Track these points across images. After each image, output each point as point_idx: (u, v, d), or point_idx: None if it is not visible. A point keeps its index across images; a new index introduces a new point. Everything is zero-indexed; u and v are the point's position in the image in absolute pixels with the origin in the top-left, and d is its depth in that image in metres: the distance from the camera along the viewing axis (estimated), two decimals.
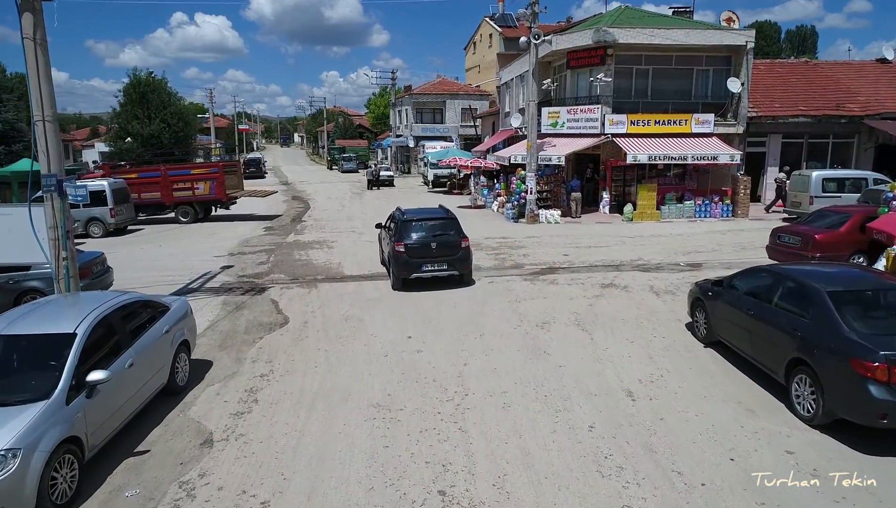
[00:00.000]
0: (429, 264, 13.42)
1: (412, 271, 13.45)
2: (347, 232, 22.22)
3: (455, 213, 15.08)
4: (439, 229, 13.87)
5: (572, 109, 24.87)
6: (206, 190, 25.30)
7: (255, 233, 22.66)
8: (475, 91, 56.98)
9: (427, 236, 13.58)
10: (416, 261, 13.39)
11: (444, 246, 13.53)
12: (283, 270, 16.00)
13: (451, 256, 13.54)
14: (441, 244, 13.51)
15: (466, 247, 13.81)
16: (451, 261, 13.55)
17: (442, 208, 15.43)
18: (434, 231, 13.77)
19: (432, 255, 13.42)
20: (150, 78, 44.31)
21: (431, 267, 13.44)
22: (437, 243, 13.50)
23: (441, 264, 13.47)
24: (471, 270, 14.25)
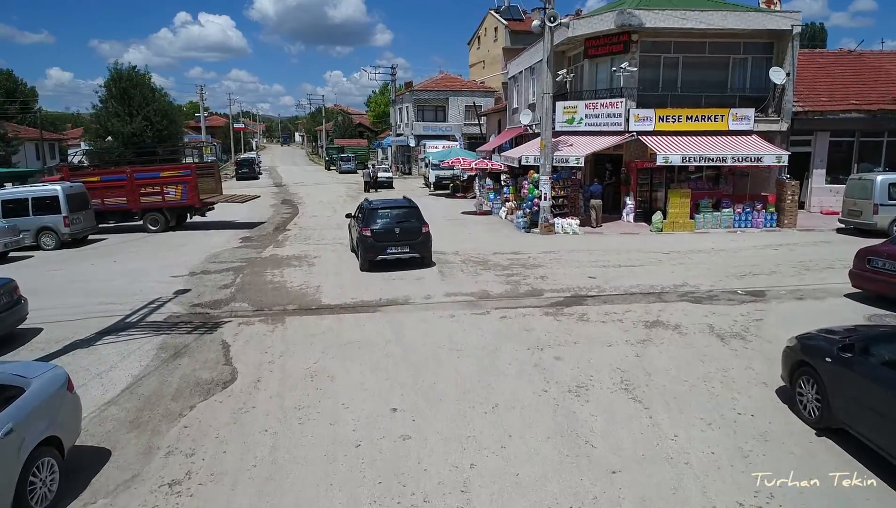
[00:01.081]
0: (392, 248, 14.98)
1: (378, 254, 14.95)
2: (334, 244, 19.31)
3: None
4: (403, 217, 15.39)
5: (591, 104, 21.90)
6: (177, 195, 22.43)
7: (229, 245, 19.76)
8: (480, 87, 54.04)
9: (391, 223, 15.17)
10: (381, 244, 14.91)
11: (407, 232, 15.10)
12: (249, 296, 13.09)
13: (413, 240, 15.11)
14: (404, 230, 15.10)
15: (427, 233, 15.35)
16: (413, 245, 15.12)
17: (405, 199, 16.97)
18: (398, 219, 15.32)
19: (396, 239, 14.99)
20: (132, 73, 41.52)
21: (395, 250, 15.00)
22: (401, 229, 15.10)
23: (404, 247, 15.05)
24: (431, 253, 15.81)
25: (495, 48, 55.48)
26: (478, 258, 16.40)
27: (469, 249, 17.84)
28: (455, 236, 20.26)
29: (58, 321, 11.48)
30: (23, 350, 10.08)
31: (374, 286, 13.54)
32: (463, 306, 11.89)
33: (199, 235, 22.13)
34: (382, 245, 14.92)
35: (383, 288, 13.39)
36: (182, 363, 9.26)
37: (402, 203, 16.33)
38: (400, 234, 15.03)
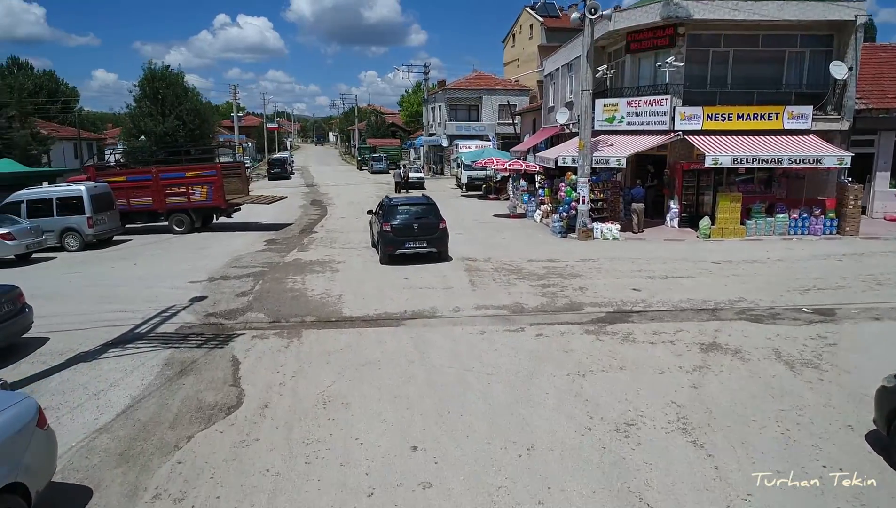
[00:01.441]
0: (411, 243, 15.69)
1: (397, 248, 15.70)
2: (360, 248, 18.47)
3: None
4: (421, 214, 16.23)
5: (633, 102, 20.61)
6: (202, 196, 21.92)
7: (253, 248, 19.10)
8: (514, 86, 52.81)
9: (410, 219, 15.93)
10: (400, 239, 15.65)
11: (425, 227, 15.85)
12: (266, 305, 12.29)
13: (430, 236, 15.83)
14: (422, 226, 15.85)
15: (443, 228, 16.16)
16: (430, 240, 15.85)
17: (424, 197, 18.21)
18: (416, 215, 16.13)
19: (414, 235, 15.71)
20: (166, 72, 41.58)
21: (413, 245, 15.70)
22: (419, 224, 15.85)
23: (421, 242, 15.75)
24: (447, 248, 16.42)
25: (530, 46, 54.19)
26: (511, 266, 15.35)
27: (502, 255, 16.80)
28: (487, 241, 19.24)
29: (66, 330, 10.86)
30: (24, 363, 9.43)
31: (399, 297, 12.62)
32: (495, 321, 10.87)
33: (224, 237, 21.57)
34: (401, 240, 15.69)
35: (409, 299, 12.45)
36: (187, 383, 8.46)
37: (421, 200, 17.31)
38: (418, 229, 15.81)
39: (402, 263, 15.85)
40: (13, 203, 19.26)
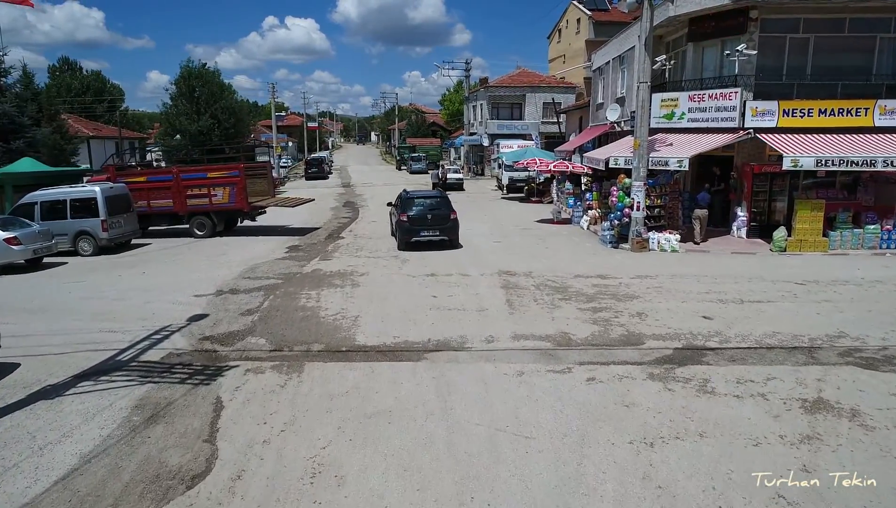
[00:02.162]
0: (425, 231, 17.35)
1: (413, 236, 17.38)
2: (388, 258, 16.78)
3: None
4: (434, 206, 17.74)
5: (696, 96, 18.31)
6: (224, 197, 20.61)
7: (273, 255, 17.62)
8: (559, 83, 50.51)
9: (424, 211, 17.54)
10: (416, 228, 17.32)
11: (438, 218, 17.45)
12: (271, 328, 10.67)
13: (443, 225, 17.45)
14: (435, 216, 17.44)
15: (454, 219, 17.74)
16: (443, 229, 17.46)
17: (437, 190, 20.79)
18: (430, 207, 17.67)
19: (428, 224, 17.35)
20: (203, 70, 40.91)
21: (427, 233, 17.36)
22: (432, 215, 17.46)
23: (434, 231, 17.39)
24: (458, 236, 18.10)
25: (577, 41, 51.74)
26: (555, 282, 13.38)
27: (544, 268, 14.84)
28: (528, 251, 17.29)
29: (42, 355, 9.49)
30: None
31: (424, 319, 10.83)
32: (535, 356, 8.96)
33: (246, 242, 20.20)
34: (417, 229, 17.39)
35: (435, 323, 10.65)
36: (153, 436, 6.85)
37: (434, 194, 18.99)
38: (431, 219, 17.45)
39: (429, 272, 14.09)
40: (27, 205, 18.29)
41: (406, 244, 17.56)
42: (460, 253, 17.23)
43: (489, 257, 16.45)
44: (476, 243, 18.78)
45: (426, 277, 14.22)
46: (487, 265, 15.34)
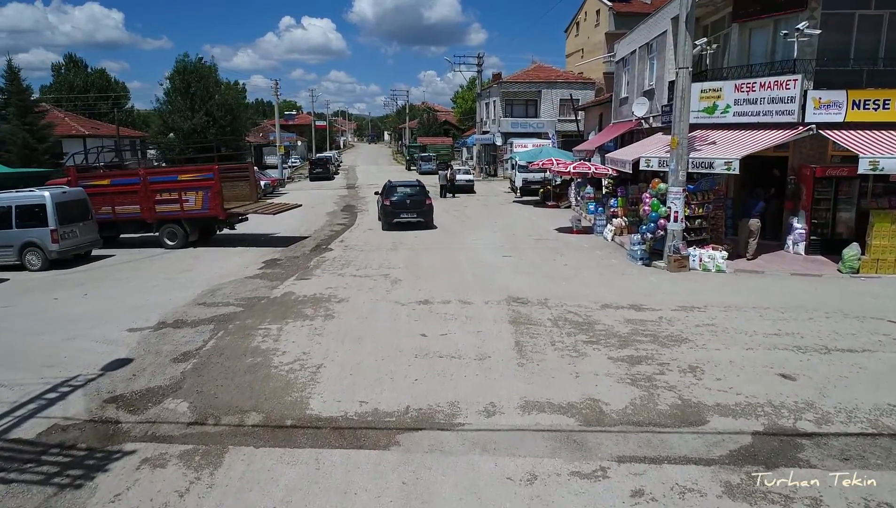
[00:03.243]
0: (404, 214, 20.98)
1: (394, 218, 20.93)
2: (377, 277, 14.15)
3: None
4: (413, 193, 21.49)
5: (744, 85, 15.46)
6: (196, 203, 18.11)
7: (245, 272, 15.06)
8: (577, 78, 47.65)
9: (404, 197, 21.32)
10: (397, 211, 20.95)
11: (415, 203, 21.16)
12: (202, 384, 8.07)
13: (419, 209, 21.10)
14: (413, 202, 21.17)
15: (429, 204, 21.45)
16: (419, 212, 21.07)
17: (416, 181, 22.99)
18: (409, 194, 21.41)
19: (407, 208, 21.05)
20: (199, 64, 38.57)
21: (406, 215, 20.98)
22: (411, 201, 21.20)
23: (412, 213, 21.00)
24: (432, 219, 21.72)
25: (596, 34, 48.83)
26: (578, 315, 10.66)
27: (564, 294, 12.12)
28: (543, 269, 14.56)
29: None
30: None
31: (405, 373, 8.18)
32: (554, 444, 6.27)
33: (219, 254, 17.67)
34: (398, 212, 20.72)
35: (419, 379, 8.00)
36: None
37: (413, 183, 22.28)
38: (410, 204, 20.88)
39: (422, 298, 11.43)
40: None
41: (389, 225, 21.08)
42: (465, 272, 14.57)
43: (497, 278, 13.77)
44: (483, 258, 16.11)
45: (418, 304, 11.57)
46: (494, 289, 12.65)
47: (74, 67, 73.50)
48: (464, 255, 16.67)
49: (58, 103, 69.97)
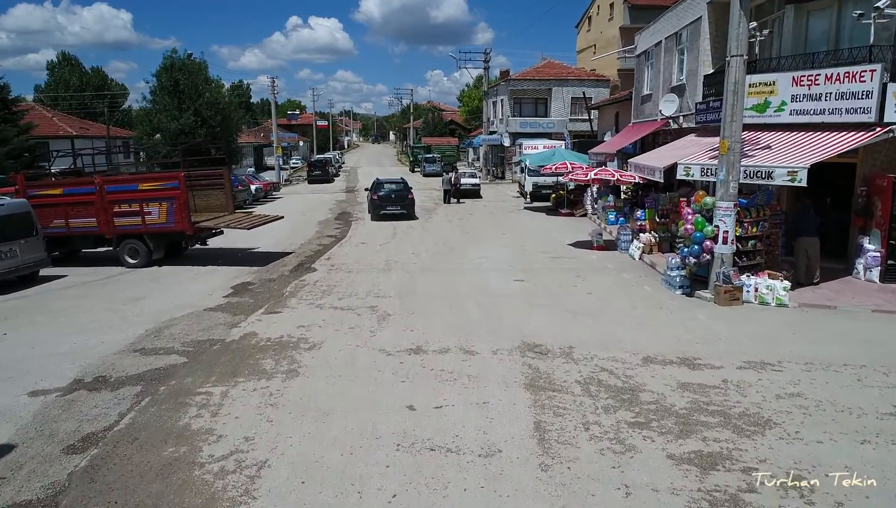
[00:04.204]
0: (390, 207, 24.42)
1: (381, 210, 24.46)
2: (363, 310, 11.68)
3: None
4: (397, 190, 25.01)
5: (805, 78, 12.90)
6: (160, 216, 15.72)
7: (206, 301, 12.64)
8: (590, 75, 45.08)
9: (390, 192, 24.88)
10: (383, 204, 24.49)
11: (399, 197, 24.65)
12: (87, 503, 5.64)
13: (402, 202, 24.53)
14: (397, 196, 24.65)
15: (411, 198, 25.01)
16: (402, 205, 24.50)
17: (401, 179, 27.11)
18: (394, 190, 24.99)
19: (392, 201, 24.49)
20: (188, 60, 36.27)
21: (391, 208, 24.39)
22: (395, 195, 24.69)
23: (397, 206, 24.41)
24: (414, 211, 25.20)
25: (610, 29, 46.19)
26: (615, 376, 8.16)
27: (593, 339, 9.63)
28: (564, 300, 12.06)
29: None
30: None
31: (377, 483, 5.70)
32: None
33: (185, 275, 15.27)
34: (384, 204, 24.35)
35: (399, 492, 5.53)
36: None
37: (398, 180, 26.33)
38: (395, 198, 24.45)
39: (414, 344, 8.96)
40: None
41: (377, 216, 24.59)
42: (468, 303, 12.09)
43: (508, 312, 11.29)
44: (490, 283, 13.64)
45: (408, 354, 9.11)
46: (505, 330, 10.18)
47: (69, 66, 71.55)
48: (467, 278, 14.21)
49: (54, 102, 68.22)
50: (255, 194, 32.96)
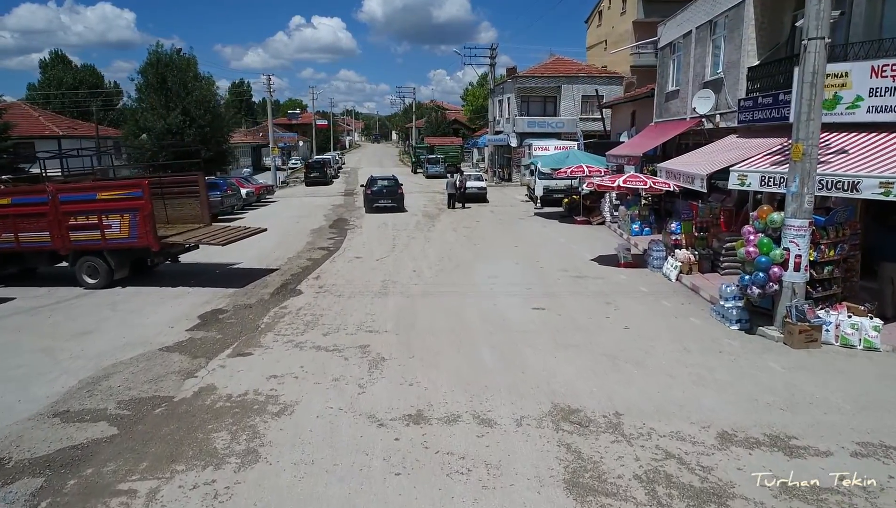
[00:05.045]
0: (382, 201, 27.30)
1: (374, 203, 27.34)
2: (351, 351, 9.52)
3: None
4: (388, 185, 27.90)
5: (889, 68, 10.69)
6: (122, 230, 13.57)
7: (165, 336, 10.49)
8: (602, 72, 42.87)
9: (382, 188, 27.72)
10: (376, 198, 27.38)
11: (390, 192, 27.57)
12: None
13: (393, 196, 27.47)
14: (388, 191, 27.57)
15: (401, 193, 27.87)
16: (393, 199, 27.41)
17: (392, 176, 29.72)
18: (386, 186, 27.83)
19: (384, 196, 27.41)
20: (177, 56, 34.11)
21: (384, 202, 27.28)
22: (387, 190, 27.58)
23: (388, 200, 27.33)
24: (403, 204, 28.01)
25: (622, 23, 43.96)
26: (686, 466, 5.99)
27: (643, 401, 7.45)
28: (598, 339, 9.85)
29: None
30: None
31: None
32: None
33: (148, 299, 13.09)
34: (377, 199, 27.47)
35: None
36: None
37: (390, 177, 29.44)
38: (386, 193, 27.57)
39: (413, 407, 6.81)
40: None
41: (371, 209, 27.16)
42: (479, 341, 9.93)
43: (530, 356, 9.13)
44: (505, 312, 11.47)
45: (406, 424, 6.96)
46: (529, 384, 8.03)
47: (62, 64, 69.61)
48: (477, 304, 12.04)
49: (45, 101, 66.21)
50: (247, 198, 30.78)
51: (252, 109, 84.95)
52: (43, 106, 62.83)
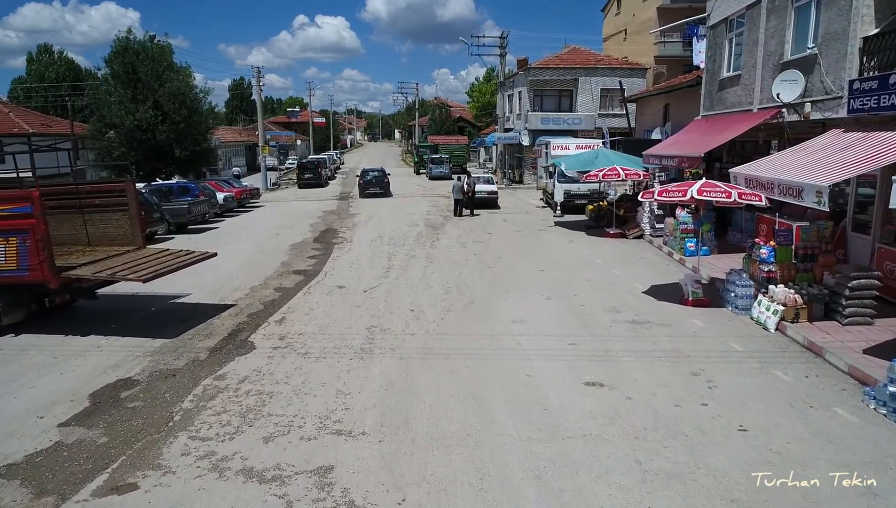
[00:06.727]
0: (372, 189, 33.13)
1: (366, 190, 33.14)
2: (302, 491, 5.68)
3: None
4: (377, 176, 33.82)
5: None
6: (6, 259, 9.79)
7: (12, 443, 6.68)
8: (623, 63, 39.00)
9: (372, 179, 33.64)
10: (367, 187, 33.27)
11: (379, 182, 33.54)
12: None
13: (381, 185, 33.41)
14: (377, 181, 33.55)
15: (387, 181, 34.04)
16: (381, 187, 33.37)
17: (381, 168, 36.11)
18: (376, 177, 33.74)
19: (373, 185, 33.26)
20: (150, 43, 30.38)
21: (373, 189, 33.08)
22: (375, 180, 33.55)
23: (377, 188, 33.09)
24: (389, 189, 33.87)
25: (644, 10, 40.09)
26: None
27: None
28: (706, 461, 5.94)
29: None
30: None
31: None
32: None
33: (29, 360, 9.26)
34: (368, 187, 33.24)
35: None
36: None
37: (379, 169, 35.51)
38: (375, 182, 33.42)
39: None
40: None
41: (363, 194, 33.27)
42: (515, 469, 6.13)
43: (606, 502, 5.29)
44: (546, 393, 7.62)
45: None
46: None
47: (48, 57, 66.04)
48: (503, 379, 8.19)
49: (27, 97, 62.71)
50: (225, 203, 26.96)
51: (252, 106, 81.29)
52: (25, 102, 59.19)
